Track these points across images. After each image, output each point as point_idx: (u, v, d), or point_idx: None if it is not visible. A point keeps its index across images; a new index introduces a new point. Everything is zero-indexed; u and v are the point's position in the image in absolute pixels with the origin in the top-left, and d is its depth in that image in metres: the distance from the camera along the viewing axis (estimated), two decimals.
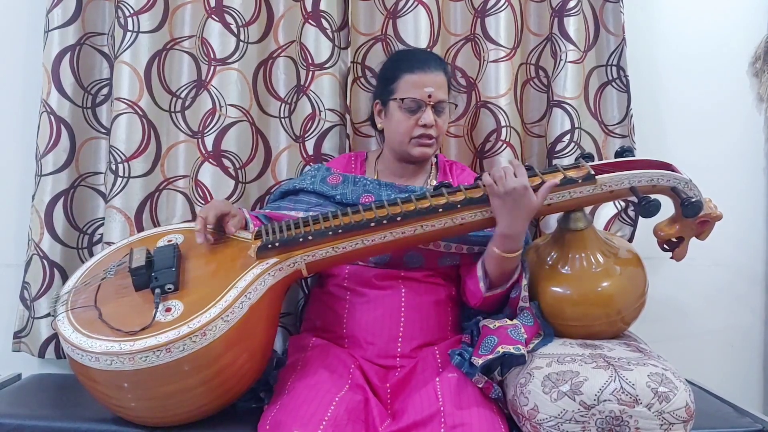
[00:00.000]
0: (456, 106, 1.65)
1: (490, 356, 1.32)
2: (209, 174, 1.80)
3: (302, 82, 1.85)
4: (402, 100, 1.56)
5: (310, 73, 1.82)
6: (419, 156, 1.59)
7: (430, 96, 1.54)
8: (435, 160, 1.70)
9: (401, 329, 1.49)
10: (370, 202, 1.50)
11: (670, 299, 1.99)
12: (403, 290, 1.52)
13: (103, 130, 1.86)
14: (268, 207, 1.70)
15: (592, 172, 1.41)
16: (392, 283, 1.53)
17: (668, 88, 2.01)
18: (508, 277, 1.45)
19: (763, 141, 2.05)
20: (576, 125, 1.84)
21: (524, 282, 1.46)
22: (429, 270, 1.55)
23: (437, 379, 1.36)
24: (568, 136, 1.83)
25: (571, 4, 1.83)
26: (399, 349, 1.48)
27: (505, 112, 1.84)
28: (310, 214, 1.48)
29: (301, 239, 1.38)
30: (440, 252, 1.53)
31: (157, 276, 1.30)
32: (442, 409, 1.27)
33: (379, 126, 1.65)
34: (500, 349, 1.32)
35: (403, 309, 1.50)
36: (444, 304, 1.56)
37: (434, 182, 1.65)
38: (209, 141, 1.80)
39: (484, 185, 1.39)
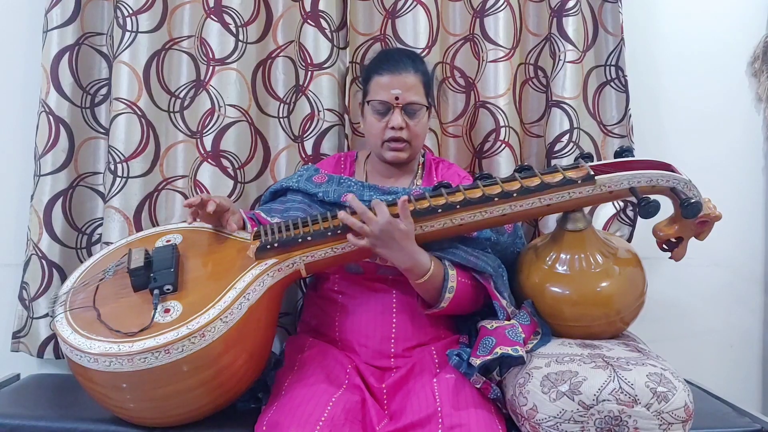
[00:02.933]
0: (428, 108, 1.56)
1: (488, 357, 1.32)
2: (208, 174, 1.79)
3: (301, 82, 1.85)
4: (369, 102, 1.56)
5: (309, 73, 1.82)
6: (392, 160, 1.57)
7: (397, 98, 1.52)
8: (422, 159, 1.69)
9: (393, 330, 1.49)
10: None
11: (669, 299, 1.99)
12: (394, 291, 1.51)
13: (102, 130, 1.86)
14: (260, 208, 1.68)
15: (592, 173, 1.41)
16: (383, 285, 1.52)
17: (667, 88, 2.01)
18: (436, 297, 1.44)
19: (761, 141, 2.05)
20: (575, 125, 1.84)
21: (504, 302, 1.44)
22: None
23: (435, 380, 1.36)
24: (567, 136, 1.84)
25: (570, 4, 1.83)
26: (392, 350, 1.48)
27: (504, 112, 1.84)
28: (292, 213, 1.49)
29: (300, 240, 1.38)
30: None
31: (155, 277, 1.30)
32: (439, 409, 1.27)
33: (360, 129, 1.64)
34: (498, 351, 1.32)
35: (394, 310, 1.50)
36: None
37: (420, 182, 1.64)
38: (208, 141, 1.80)
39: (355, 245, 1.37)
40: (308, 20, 1.82)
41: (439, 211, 1.40)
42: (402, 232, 1.35)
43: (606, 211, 1.87)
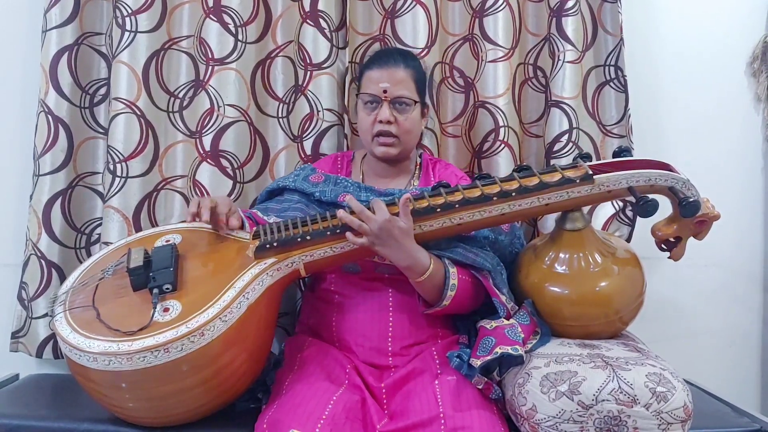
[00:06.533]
0: (416, 102, 1.54)
1: (488, 357, 1.32)
2: (207, 174, 1.79)
3: (300, 82, 1.85)
4: (358, 95, 1.58)
5: (308, 73, 1.82)
6: (382, 155, 1.58)
7: (385, 91, 1.53)
8: (419, 160, 1.69)
9: (390, 329, 1.49)
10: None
11: (668, 299, 1.99)
12: (390, 291, 1.51)
13: (101, 130, 1.85)
14: (256, 207, 1.67)
15: (590, 172, 1.42)
16: (379, 285, 1.52)
17: (666, 88, 2.01)
18: (436, 296, 1.43)
19: (761, 141, 2.05)
20: (574, 125, 1.84)
21: (504, 298, 1.44)
22: None
23: (436, 383, 1.36)
24: (566, 136, 1.84)
25: (569, 4, 1.84)
26: (390, 348, 1.48)
27: (503, 112, 1.84)
28: (290, 213, 1.49)
29: (299, 239, 1.38)
30: None
31: (155, 276, 1.30)
32: (442, 412, 1.26)
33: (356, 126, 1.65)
34: (498, 350, 1.32)
35: (391, 309, 1.50)
36: None
37: (417, 182, 1.64)
38: (207, 141, 1.80)
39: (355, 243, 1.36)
40: (307, 20, 1.82)
41: (438, 210, 1.40)
42: (401, 230, 1.35)
43: (605, 211, 1.87)
